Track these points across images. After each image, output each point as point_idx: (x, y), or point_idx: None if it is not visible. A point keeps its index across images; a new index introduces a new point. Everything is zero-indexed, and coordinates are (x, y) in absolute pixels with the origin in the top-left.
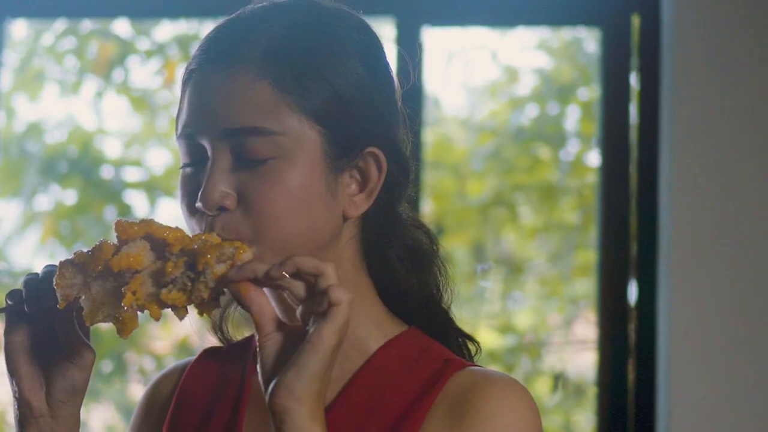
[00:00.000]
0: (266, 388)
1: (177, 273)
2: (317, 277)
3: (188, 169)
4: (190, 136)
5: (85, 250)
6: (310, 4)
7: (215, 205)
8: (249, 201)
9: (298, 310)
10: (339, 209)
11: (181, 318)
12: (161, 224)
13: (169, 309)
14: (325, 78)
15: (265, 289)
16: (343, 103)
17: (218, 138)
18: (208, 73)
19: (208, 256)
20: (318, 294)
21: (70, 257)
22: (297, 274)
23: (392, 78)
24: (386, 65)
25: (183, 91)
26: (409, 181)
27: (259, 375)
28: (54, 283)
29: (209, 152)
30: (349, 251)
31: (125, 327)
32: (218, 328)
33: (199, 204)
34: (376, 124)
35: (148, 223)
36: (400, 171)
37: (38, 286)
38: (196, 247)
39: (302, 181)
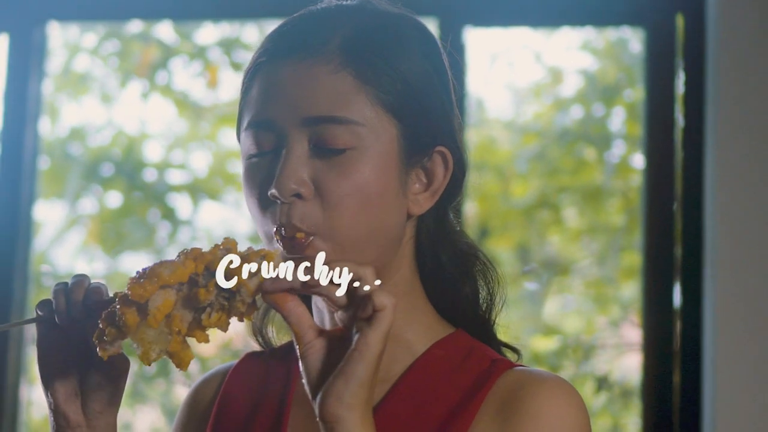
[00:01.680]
0: (314, 397)
1: (211, 297)
2: (357, 282)
3: (256, 160)
4: (262, 124)
5: (107, 314)
6: (374, 6)
7: (291, 192)
8: (326, 192)
9: (337, 315)
10: (405, 206)
11: (225, 330)
12: (168, 265)
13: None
14: (400, 73)
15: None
16: (416, 100)
17: (296, 126)
18: (284, 64)
19: (240, 274)
20: (360, 299)
21: (100, 332)
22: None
23: (450, 80)
24: (446, 67)
25: (248, 85)
26: (463, 188)
27: (305, 384)
28: (98, 353)
29: (286, 140)
30: (408, 252)
31: (182, 361)
32: (259, 333)
33: (273, 191)
34: (445, 123)
35: (157, 274)
36: (461, 173)
37: (67, 296)
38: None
39: (378, 175)
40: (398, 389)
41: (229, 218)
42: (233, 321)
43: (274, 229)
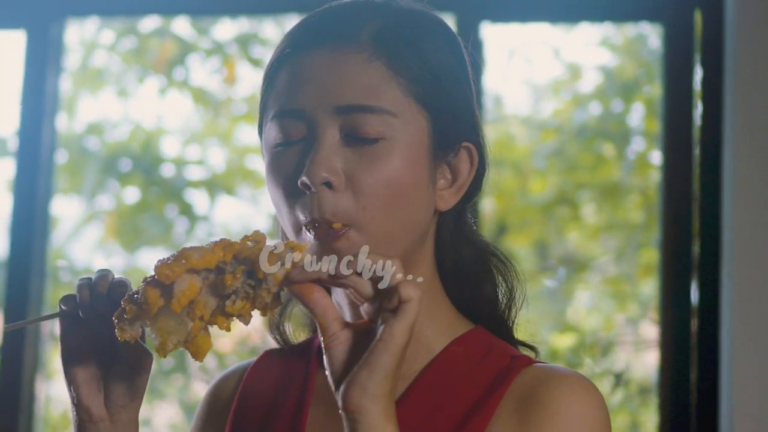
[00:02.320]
0: (337, 388)
1: (237, 284)
2: (384, 274)
3: (282, 149)
4: (292, 113)
5: (130, 295)
6: (399, 2)
7: (322, 180)
8: (358, 182)
9: (363, 307)
10: (434, 200)
11: (246, 323)
12: (198, 250)
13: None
14: (430, 66)
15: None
16: (445, 92)
17: (328, 114)
18: (314, 54)
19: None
20: (386, 291)
21: (121, 311)
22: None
23: (472, 77)
24: (468, 64)
25: (273, 77)
26: (484, 182)
27: (329, 375)
28: (116, 333)
29: (317, 129)
30: (428, 249)
31: (200, 350)
32: (277, 331)
33: (304, 178)
34: (470, 118)
35: (186, 256)
36: (483, 170)
37: (92, 290)
38: (251, 253)
39: (409, 167)
40: (417, 386)
41: (246, 214)
42: (253, 316)
43: (303, 219)
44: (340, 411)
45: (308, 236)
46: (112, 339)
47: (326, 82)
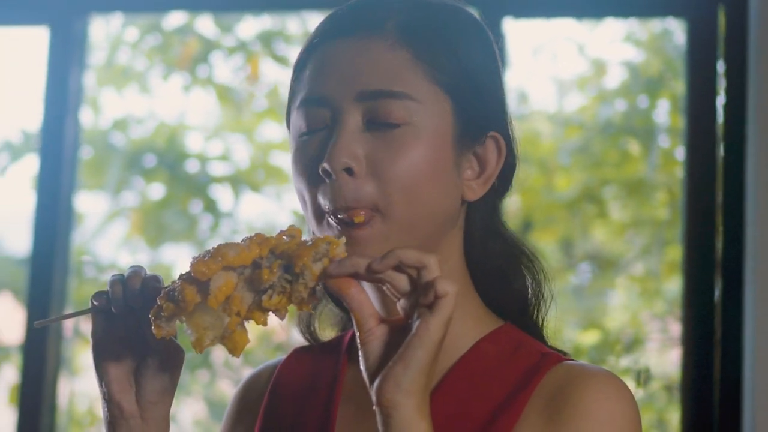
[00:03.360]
0: (371, 383)
1: (274, 278)
2: (420, 270)
3: (307, 137)
4: (316, 101)
5: (166, 292)
6: None
7: (343, 165)
8: (380, 168)
9: (399, 303)
10: (460, 189)
11: (282, 317)
12: (234, 247)
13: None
14: (456, 55)
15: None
16: (472, 82)
17: (351, 100)
18: (340, 42)
19: (305, 258)
20: (423, 286)
21: (158, 309)
22: (399, 267)
23: (501, 73)
24: (497, 59)
25: (301, 66)
26: (514, 177)
27: (363, 371)
28: (153, 331)
29: (340, 115)
30: (457, 241)
31: (237, 345)
32: (308, 329)
33: (324, 165)
34: (499, 108)
35: (222, 254)
36: (512, 163)
37: (125, 286)
38: (288, 248)
39: (432, 153)
40: (445, 383)
41: (270, 210)
42: (289, 310)
43: (326, 207)
44: (374, 407)
45: (332, 224)
46: (143, 335)
47: (350, 68)
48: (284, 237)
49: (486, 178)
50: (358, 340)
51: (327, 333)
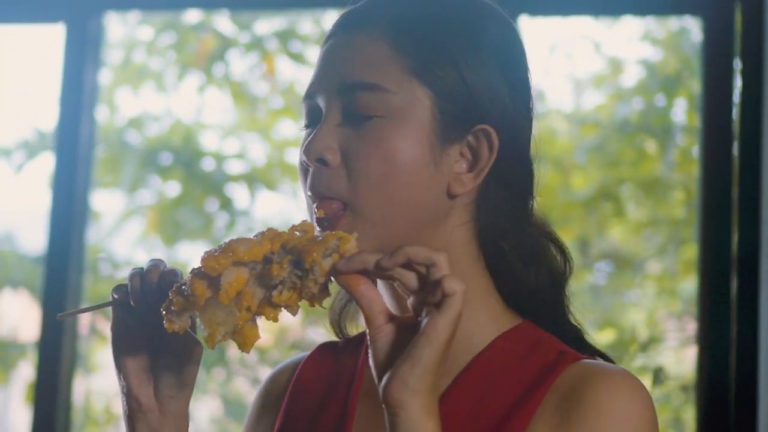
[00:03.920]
0: (379, 381)
1: (284, 274)
2: (429, 267)
3: (304, 132)
4: (308, 96)
5: (177, 286)
6: None
7: (316, 156)
8: (351, 159)
9: (410, 301)
10: (443, 183)
11: (294, 314)
12: (245, 242)
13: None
14: (442, 46)
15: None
16: (459, 75)
17: (333, 94)
18: (338, 38)
19: (315, 254)
20: (431, 284)
21: (168, 303)
22: (408, 265)
23: (521, 68)
24: (515, 52)
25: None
26: (532, 176)
27: (372, 368)
28: (164, 325)
29: (323, 109)
30: (462, 237)
31: (247, 341)
32: (337, 324)
33: (303, 156)
34: (494, 103)
35: (232, 249)
36: (517, 159)
37: (142, 280)
38: (298, 243)
39: (407, 145)
40: (461, 382)
41: (286, 208)
42: (300, 306)
43: (309, 197)
44: (382, 405)
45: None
46: (161, 329)
47: (334, 63)
48: (296, 232)
49: (477, 171)
50: (368, 338)
51: (353, 329)
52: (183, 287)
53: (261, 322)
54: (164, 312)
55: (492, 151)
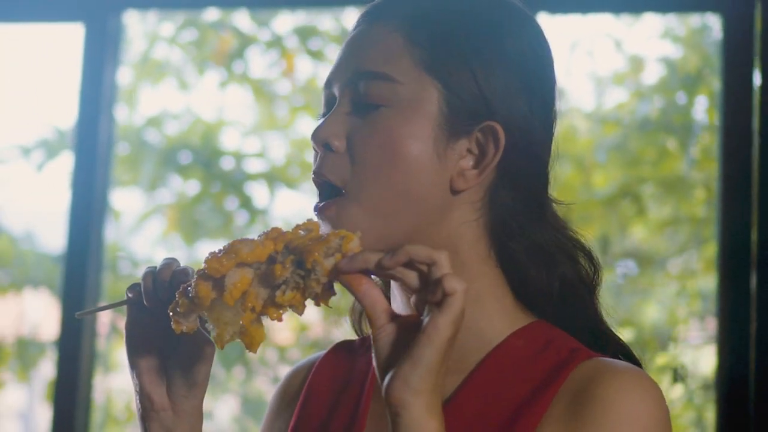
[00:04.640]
0: (382, 380)
1: (287, 274)
2: (430, 266)
3: (321, 120)
4: (326, 86)
5: (183, 287)
6: None
7: (322, 141)
8: (354, 146)
9: (412, 300)
10: (445, 177)
11: (300, 313)
12: (248, 243)
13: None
14: (454, 40)
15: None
16: (469, 70)
17: (345, 83)
18: (358, 29)
19: (316, 253)
20: (432, 283)
21: (174, 304)
22: (410, 264)
23: (541, 70)
24: (536, 54)
25: None
26: (545, 178)
27: (375, 368)
28: (172, 326)
29: (337, 97)
30: (470, 235)
31: (253, 341)
32: (357, 323)
33: (312, 141)
34: (505, 102)
35: (236, 250)
36: (528, 160)
37: (155, 279)
38: (301, 243)
39: (409, 135)
40: (473, 379)
41: (305, 207)
42: (307, 306)
43: (313, 179)
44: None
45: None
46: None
47: (352, 53)
48: (300, 231)
49: (482, 168)
50: (371, 337)
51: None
52: (189, 289)
53: (283, 321)
54: (171, 313)
55: (497, 149)
